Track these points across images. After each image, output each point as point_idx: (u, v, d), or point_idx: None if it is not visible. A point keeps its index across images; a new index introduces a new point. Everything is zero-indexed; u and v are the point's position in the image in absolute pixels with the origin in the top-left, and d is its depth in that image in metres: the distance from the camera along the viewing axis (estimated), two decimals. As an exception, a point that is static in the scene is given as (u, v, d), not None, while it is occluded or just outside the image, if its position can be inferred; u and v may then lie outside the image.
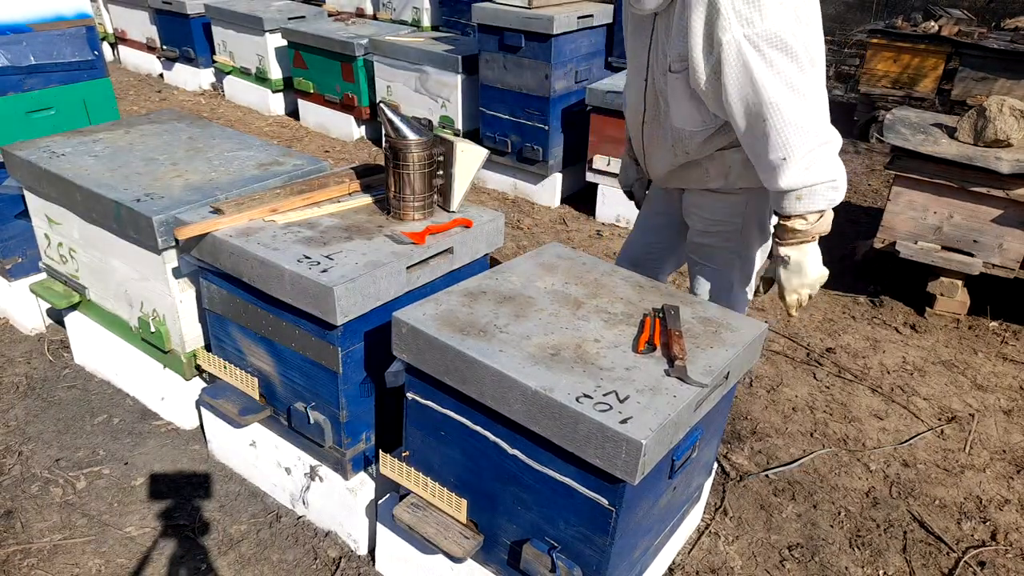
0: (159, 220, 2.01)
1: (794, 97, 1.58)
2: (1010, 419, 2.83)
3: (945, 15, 6.25)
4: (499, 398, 1.49)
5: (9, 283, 2.84)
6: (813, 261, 1.76)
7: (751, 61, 1.56)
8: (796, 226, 1.71)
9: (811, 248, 1.75)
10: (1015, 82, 5.45)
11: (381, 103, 1.98)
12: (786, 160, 1.61)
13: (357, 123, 5.35)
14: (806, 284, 1.79)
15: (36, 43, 2.71)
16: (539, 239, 4.05)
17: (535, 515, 1.59)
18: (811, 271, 1.77)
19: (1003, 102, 3.26)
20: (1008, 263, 3.24)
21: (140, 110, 5.75)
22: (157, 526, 2.12)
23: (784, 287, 1.81)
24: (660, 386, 1.46)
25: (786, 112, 1.58)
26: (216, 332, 2.13)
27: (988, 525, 2.32)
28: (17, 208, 2.67)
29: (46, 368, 2.75)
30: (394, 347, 1.66)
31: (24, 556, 2.00)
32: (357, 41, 4.93)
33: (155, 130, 2.63)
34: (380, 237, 1.91)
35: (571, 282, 1.83)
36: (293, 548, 2.08)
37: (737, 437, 2.63)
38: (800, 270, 1.77)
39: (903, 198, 3.34)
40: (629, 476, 1.36)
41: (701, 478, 2.01)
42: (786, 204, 1.69)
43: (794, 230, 1.72)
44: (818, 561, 2.16)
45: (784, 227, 1.74)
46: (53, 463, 2.32)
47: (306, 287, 1.72)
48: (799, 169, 1.62)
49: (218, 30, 5.80)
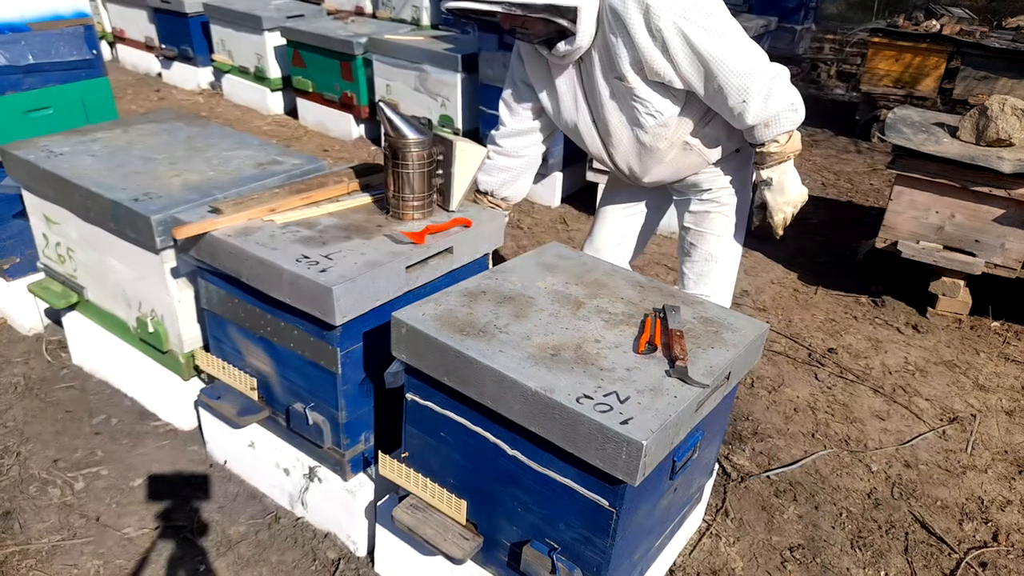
0: (157, 220, 2.00)
1: (732, 48, 1.80)
2: (1012, 419, 2.82)
3: (947, 14, 6.25)
4: (499, 399, 1.48)
5: (7, 283, 2.83)
6: (792, 179, 2.00)
7: (689, 33, 1.77)
8: (771, 149, 1.93)
9: (788, 167, 1.98)
10: (1017, 81, 5.44)
11: (380, 102, 1.97)
12: (746, 102, 1.82)
13: (356, 122, 5.34)
14: (789, 202, 2.01)
15: (34, 42, 2.70)
16: (539, 239, 4.05)
17: (535, 516, 1.58)
18: (791, 188, 2.00)
19: (1005, 101, 3.25)
20: (1010, 263, 3.23)
21: (138, 109, 5.74)
22: (155, 527, 2.11)
23: (771, 207, 2.03)
24: (661, 387, 1.45)
25: (730, 63, 1.79)
26: (214, 332, 2.12)
27: (990, 526, 2.31)
28: (15, 208, 2.66)
29: (44, 368, 2.74)
30: (393, 347, 1.66)
31: (22, 557, 2.00)
32: (356, 40, 4.91)
33: (153, 129, 2.62)
34: (379, 237, 1.90)
35: (571, 282, 1.82)
36: (292, 549, 2.07)
37: (738, 438, 2.62)
38: (782, 189, 2.00)
39: (905, 198, 3.33)
40: (630, 477, 1.35)
41: (702, 479, 2.00)
42: (757, 134, 1.91)
43: (770, 153, 1.94)
44: (820, 562, 2.15)
45: (761, 154, 1.96)
46: (51, 464, 2.31)
47: (305, 287, 1.71)
48: (759, 104, 1.83)
49: (216, 29, 5.79)
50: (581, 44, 1.86)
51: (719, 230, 2.18)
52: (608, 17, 1.83)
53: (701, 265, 2.22)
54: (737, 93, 1.81)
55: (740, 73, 1.79)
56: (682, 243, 2.28)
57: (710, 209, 2.17)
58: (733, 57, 1.79)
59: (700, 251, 2.22)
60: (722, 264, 2.21)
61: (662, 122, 1.95)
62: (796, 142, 1.94)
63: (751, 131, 1.91)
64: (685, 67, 1.82)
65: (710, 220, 2.18)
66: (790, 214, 2.04)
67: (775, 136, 1.89)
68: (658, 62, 1.82)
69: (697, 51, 1.78)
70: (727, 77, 1.80)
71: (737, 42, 1.81)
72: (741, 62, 1.79)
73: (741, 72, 1.79)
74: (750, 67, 1.80)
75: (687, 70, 1.82)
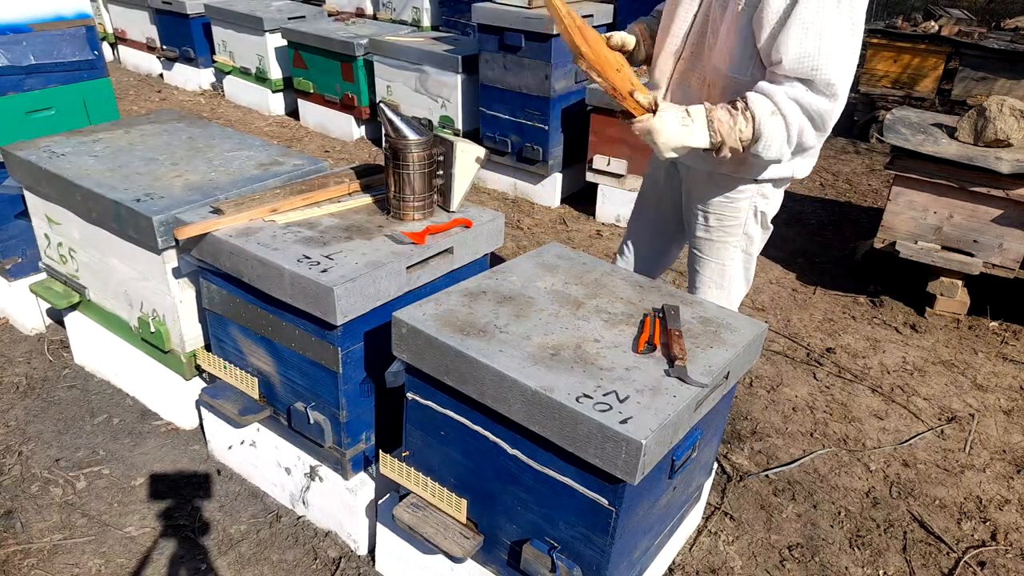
0: (159, 220, 2.01)
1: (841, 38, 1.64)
2: (1010, 419, 2.83)
3: (945, 15, 6.26)
4: (499, 398, 1.49)
5: (9, 283, 2.84)
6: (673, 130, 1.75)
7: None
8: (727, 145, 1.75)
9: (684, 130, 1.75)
10: (1015, 82, 5.45)
11: (381, 103, 1.98)
12: (816, 69, 1.65)
13: (357, 123, 5.35)
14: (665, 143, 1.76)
15: (36, 43, 2.71)
16: (539, 239, 4.05)
17: (535, 515, 1.59)
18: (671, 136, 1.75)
19: (1003, 102, 3.26)
20: (1008, 263, 3.24)
21: (140, 110, 5.75)
22: (157, 526, 2.12)
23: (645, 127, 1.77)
24: (660, 386, 1.46)
25: (830, 44, 1.63)
26: (216, 332, 2.13)
27: (988, 525, 2.32)
28: (17, 208, 2.67)
29: (46, 368, 2.75)
30: (394, 347, 1.66)
31: (24, 556, 2.00)
32: (357, 41, 4.92)
33: (155, 130, 2.63)
34: (380, 237, 1.91)
35: (571, 282, 1.83)
36: (293, 548, 2.08)
37: (737, 437, 2.63)
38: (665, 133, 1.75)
39: (903, 198, 3.34)
40: (629, 476, 1.35)
41: (701, 478, 2.01)
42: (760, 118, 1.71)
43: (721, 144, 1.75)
44: (818, 561, 2.16)
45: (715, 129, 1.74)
46: (53, 463, 2.32)
47: (306, 287, 1.72)
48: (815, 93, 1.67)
49: (218, 30, 5.80)
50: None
51: (724, 258, 2.09)
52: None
53: (700, 292, 2.16)
54: (807, 57, 1.63)
55: (837, 56, 1.63)
56: (689, 268, 2.20)
57: (714, 237, 2.07)
58: (834, 42, 1.63)
59: (700, 277, 2.15)
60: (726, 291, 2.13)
61: (726, 74, 1.82)
62: (732, 137, 1.74)
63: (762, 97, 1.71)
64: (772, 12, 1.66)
65: (712, 248, 2.09)
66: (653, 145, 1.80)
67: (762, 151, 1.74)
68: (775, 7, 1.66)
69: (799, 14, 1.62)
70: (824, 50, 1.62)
71: (847, 40, 1.65)
72: (846, 50, 1.64)
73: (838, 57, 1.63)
74: (836, 73, 1.64)
75: (773, 8, 1.66)
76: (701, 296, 2.13)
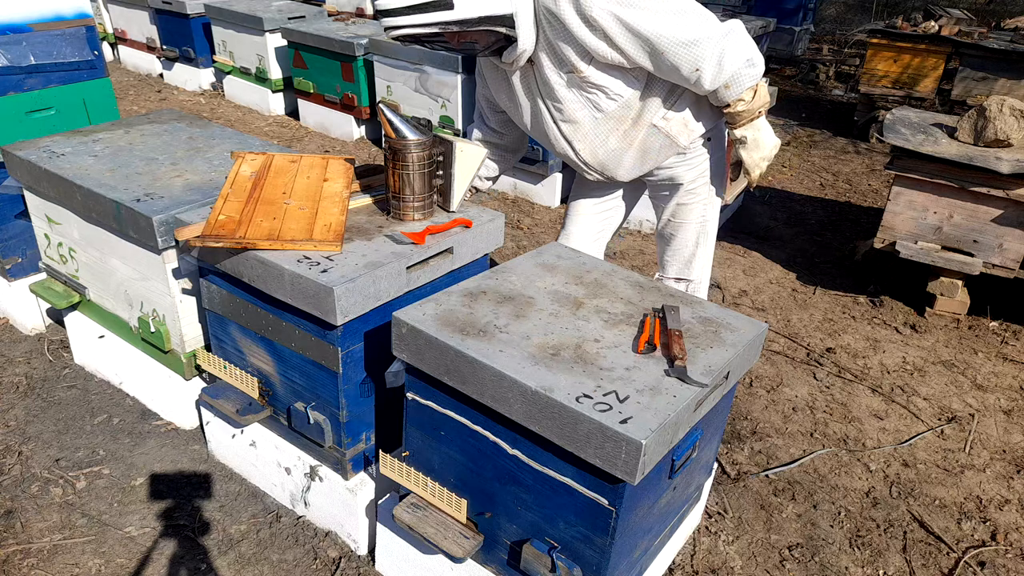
0: (159, 220, 2.01)
1: (671, 20, 1.76)
2: (1010, 419, 2.83)
3: (945, 15, 6.25)
4: (499, 398, 1.49)
5: (9, 283, 2.84)
6: (766, 134, 1.99)
7: (623, 16, 1.75)
8: (738, 108, 1.92)
9: (761, 123, 1.98)
10: (1015, 82, 5.45)
11: (381, 103, 1.98)
12: (699, 70, 1.81)
13: (357, 123, 5.35)
14: (765, 156, 2.02)
15: (36, 43, 2.71)
16: (539, 239, 4.05)
17: (535, 515, 1.59)
18: (766, 143, 2.00)
19: (1003, 102, 3.26)
20: (1008, 263, 3.25)
21: (140, 110, 5.75)
22: (157, 526, 2.12)
23: (748, 164, 2.04)
24: (660, 386, 1.46)
25: (674, 35, 1.76)
26: (216, 332, 2.13)
27: (988, 525, 2.32)
28: (17, 208, 2.67)
29: (46, 368, 2.75)
30: (394, 347, 1.66)
31: (24, 556, 2.01)
32: (357, 41, 4.93)
33: (155, 130, 2.63)
34: (380, 237, 1.91)
35: (571, 282, 1.83)
36: (293, 548, 2.08)
37: (737, 437, 2.63)
38: (757, 145, 2.00)
39: (903, 198, 3.34)
40: (629, 476, 1.36)
41: (701, 478, 2.01)
42: (720, 96, 1.89)
43: (738, 112, 1.93)
44: (818, 561, 2.16)
45: (730, 114, 1.94)
46: (53, 463, 2.32)
47: (306, 287, 1.72)
48: (713, 68, 1.81)
49: (218, 30, 5.80)
50: (525, 47, 1.85)
51: (698, 218, 2.19)
52: (545, 16, 1.82)
53: (683, 252, 2.24)
54: (689, 64, 1.79)
55: (686, 43, 1.76)
56: (661, 231, 2.28)
57: (687, 201, 2.17)
58: (675, 29, 1.76)
59: (680, 239, 2.23)
60: (702, 249, 2.24)
61: (624, 103, 1.93)
62: (763, 95, 1.92)
63: (714, 95, 1.89)
64: (630, 50, 1.79)
65: (688, 210, 2.19)
66: (765, 167, 2.05)
67: (739, 95, 1.88)
68: (603, 50, 1.80)
69: (637, 32, 1.76)
70: (675, 50, 1.77)
71: (675, 12, 1.77)
72: (684, 31, 1.76)
73: (687, 42, 1.76)
74: (694, 34, 1.76)
75: (633, 52, 1.80)
76: (682, 259, 2.25)
